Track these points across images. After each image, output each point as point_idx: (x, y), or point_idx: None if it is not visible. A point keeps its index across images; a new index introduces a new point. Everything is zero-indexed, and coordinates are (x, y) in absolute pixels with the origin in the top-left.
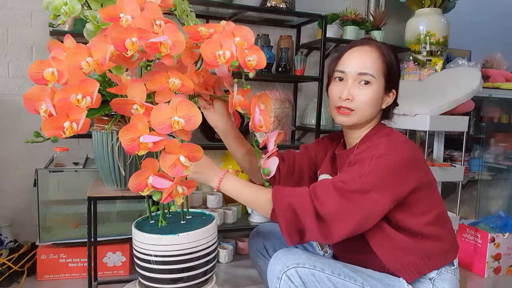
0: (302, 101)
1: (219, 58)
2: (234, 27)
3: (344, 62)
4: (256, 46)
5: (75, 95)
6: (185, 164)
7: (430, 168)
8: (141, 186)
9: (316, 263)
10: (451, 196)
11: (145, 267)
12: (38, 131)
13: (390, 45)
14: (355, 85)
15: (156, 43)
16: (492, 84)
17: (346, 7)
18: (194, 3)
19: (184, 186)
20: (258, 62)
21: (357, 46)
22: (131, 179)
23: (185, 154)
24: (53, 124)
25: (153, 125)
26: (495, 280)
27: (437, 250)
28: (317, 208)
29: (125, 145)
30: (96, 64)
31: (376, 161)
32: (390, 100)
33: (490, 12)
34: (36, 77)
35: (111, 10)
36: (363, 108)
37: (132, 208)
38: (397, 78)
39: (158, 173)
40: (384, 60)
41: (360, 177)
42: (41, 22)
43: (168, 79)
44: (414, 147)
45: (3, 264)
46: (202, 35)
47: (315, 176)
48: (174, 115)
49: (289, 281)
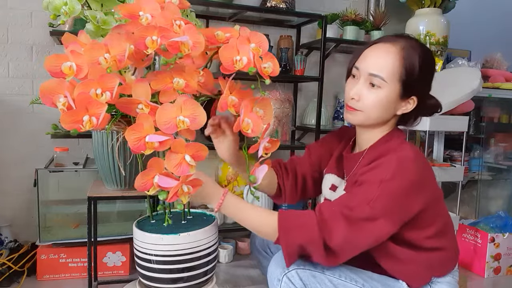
0: (302, 101)
1: (236, 63)
2: (249, 33)
3: (362, 58)
4: (270, 53)
5: (95, 90)
6: (191, 163)
7: (436, 181)
8: (147, 186)
9: (317, 265)
10: (451, 196)
11: (146, 267)
12: (56, 124)
13: (424, 48)
14: (365, 85)
15: (177, 43)
16: (492, 84)
17: (346, 7)
18: (194, 3)
19: (190, 185)
20: (273, 69)
21: (381, 43)
22: (138, 178)
23: (191, 153)
24: (73, 118)
25: (158, 125)
26: (495, 280)
27: (439, 260)
28: (326, 241)
29: (132, 144)
30: (113, 61)
31: (385, 186)
32: (409, 107)
33: (490, 12)
34: (54, 70)
35: (131, 8)
36: (369, 111)
37: (132, 208)
38: (420, 85)
39: (164, 172)
40: (404, 64)
41: (368, 203)
42: (41, 22)
43: (173, 79)
44: (422, 165)
45: (3, 264)
46: (219, 39)
47: (320, 176)
48: (179, 115)
49: (290, 283)
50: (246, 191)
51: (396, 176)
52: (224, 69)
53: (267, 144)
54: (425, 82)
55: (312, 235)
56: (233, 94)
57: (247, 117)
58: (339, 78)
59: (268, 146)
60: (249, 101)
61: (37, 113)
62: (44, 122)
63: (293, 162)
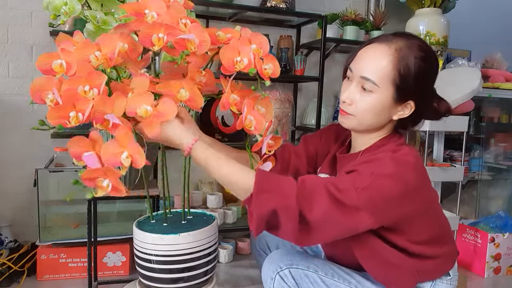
0: (302, 101)
1: (237, 64)
2: (250, 34)
3: (356, 59)
4: (271, 55)
5: (83, 87)
6: (124, 162)
7: (432, 189)
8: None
9: (310, 264)
10: (451, 196)
11: (146, 267)
12: (43, 120)
13: (424, 48)
14: (358, 88)
15: (184, 40)
16: (492, 84)
17: (346, 7)
18: (194, 3)
19: (111, 183)
20: (273, 71)
21: (376, 43)
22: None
23: (129, 152)
24: (59, 113)
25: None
26: (495, 280)
27: (430, 267)
28: (303, 212)
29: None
30: (104, 59)
31: (378, 179)
32: (406, 113)
33: (490, 12)
34: (44, 68)
35: (136, 6)
36: (361, 116)
37: (132, 208)
38: (418, 89)
39: (97, 152)
40: (397, 67)
41: (356, 189)
42: (41, 22)
43: (180, 88)
44: (421, 173)
45: (3, 264)
46: (220, 39)
47: (314, 173)
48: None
49: (282, 282)
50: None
51: (393, 177)
52: (224, 69)
53: (270, 142)
54: (424, 86)
55: (289, 202)
56: (235, 93)
57: (249, 115)
58: (339, 78)
59: (271, 144)
60: (251, 99)
61: (37, 113)
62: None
63: (286, 150)
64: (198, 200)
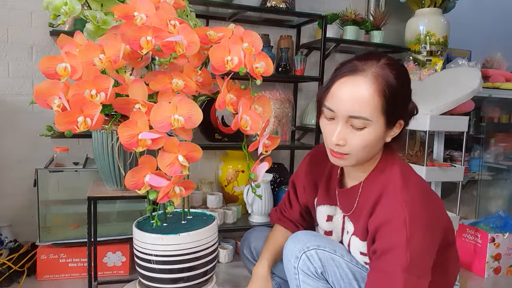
0: (302, 101)
1: (227, 64)
2: (243, 32)
3: (334, 96)
4: (264, 53)
5: (89, 91)
6: (183, 163)
7: (445, 211)
8: (138, 184)
9: (336, 248)
10: (451, 196)
11: (146, 267)
12: (50, 126)
13: (396, 64)
14: (347, 126)
15: (172, 43)
16: (492, 84)
17: (346, 7)
18: (194, 3)
19: (182, 187)
20: (265, 69)
21: (347, 77)
22: (128, 176)
23: (184, 153)
24: (67, 119)
25: (152, 123)
26: (495, 280)
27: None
28: None
29: (124, 141)
30: (108, 61)
31: (409, 248)
32: (397, 131)
33: (490, 12)
34: (48, 72)
35: (125, 8)
36: (358, 152)
37: (132, 208)
38: (405, 107)
39: (156, 171)
40: (382, 92)
41: (403, 272)
42: (41, 22)
43: (172, 80)
44: (429, 199)
45: (3, 264)
46: (210, 39)
47: (312, 205)
48: (175, 113)
49: (308, 261)
50: (246, 190)
51: (415, 232)
52: (214, 69)
53: (267, 142)
54: (408, 99)
55: None
56: (231, 92)
57: (245, 114)
58: None
59: (268, 144)
60: (247, 99)
61: (37, 113)
62: (44, 122)
63: (287, 213)
64: (198, 200)
